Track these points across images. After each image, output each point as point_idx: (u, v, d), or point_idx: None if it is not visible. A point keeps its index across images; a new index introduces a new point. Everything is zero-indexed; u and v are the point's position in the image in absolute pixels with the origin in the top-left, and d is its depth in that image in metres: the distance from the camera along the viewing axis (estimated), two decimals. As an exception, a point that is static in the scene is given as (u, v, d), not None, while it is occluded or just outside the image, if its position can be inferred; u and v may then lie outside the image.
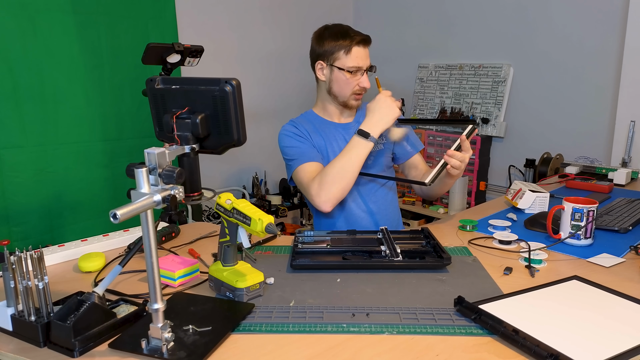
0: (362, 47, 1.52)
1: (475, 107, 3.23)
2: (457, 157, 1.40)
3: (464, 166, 1.43)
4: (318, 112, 1.67)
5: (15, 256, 0.89)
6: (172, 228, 1.45)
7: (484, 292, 1.07)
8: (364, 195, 1.64)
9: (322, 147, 1.59)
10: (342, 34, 1.53)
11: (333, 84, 1.57)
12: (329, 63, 1.55)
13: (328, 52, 1.54)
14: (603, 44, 2.69)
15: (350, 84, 1.54)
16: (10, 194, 2.11)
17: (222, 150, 1.05)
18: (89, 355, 0.86)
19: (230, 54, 3.21)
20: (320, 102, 1.65)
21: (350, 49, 1.51)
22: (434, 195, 1.66)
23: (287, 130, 1.59)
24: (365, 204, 1.64)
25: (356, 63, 1.51)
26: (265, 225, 0.96)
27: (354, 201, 1.62)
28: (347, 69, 1.52)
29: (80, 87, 2.26)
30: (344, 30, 1.54)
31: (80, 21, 2.22)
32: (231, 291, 1.04)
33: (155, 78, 1.06)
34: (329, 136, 1.61)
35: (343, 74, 1.53)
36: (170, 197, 0.82)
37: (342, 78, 1.54)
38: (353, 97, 1.57)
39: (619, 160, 2.45)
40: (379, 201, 1.66)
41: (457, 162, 1.41)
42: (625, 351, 0.83)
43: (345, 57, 1.52)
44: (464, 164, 1.42)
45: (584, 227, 1.34)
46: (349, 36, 1.52)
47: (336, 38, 1.53)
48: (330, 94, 1.59)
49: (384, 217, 1.65)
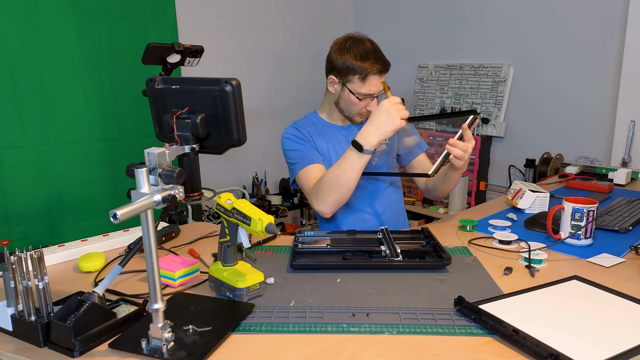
0: (379, 75, 1.47)
1: (475, 107, 3.22)
2: (459, 146, 1.36)
3: (467, 156, 1.38)
4: (322, 115, 1.64)
5: (15, 256, 0.89)
6: (172, 228, 1.45)
7: (484, 292, 1.07)
8: (370, 196, 1.62)
9: (325, 150, 1.58)
10: (363, 57, 1.45)
11: (341, 100, 1.53)
12: (342, 81, 1.50)
13: (343, 70, 1.47)
14: (603, 44, 2.69)
15: (358, 106, 1.52)
16: (10, 194, 2.11)
17: (222, 150, 1.05)
18: (89, 355, 0.86)
19: (230, 54, 3.21)
20: (327, 106, 1.62)
21: (366, 77, 1.45)
22: (440, 193, 1.61)
23: (289, 133, 1.57)
24: (372, 205, 1.62)
25: (369, 91, 1.47)
26: (265, 225, 0.96)
27: (360, 202, 1.61)
28: (358, 95, 1.48)
29: (80, 87, 2.26)
30: (365, 52, 1.46)
31: (80, 21, 2.22)
32: (231, 291, 1.04)
33: (155, 78, 1.06)
34: (332, 139, 1.59)
35: (353, 97, 1.49)
36: (170, 197, 0.82)
37: (350, 100, 1.50)
38: (358, 115, 1.56)
39: (619, 160, 2.45)
40: (385, 202, 1.64)
41: (460, 151, 1.36)
42: (625, 351, 0.83)
43: (358, 83, 1.46)
44: (467, 153, 1.37)
45: (584, 227, 1.34)
46: (368, 62, 1.44)
47: (355, 59, 1.45)
48: (337, 106, 1.57)
49: (390, 218, 1.64)
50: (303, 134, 1.56)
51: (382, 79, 1.49)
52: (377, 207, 1.63)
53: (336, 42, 1.52)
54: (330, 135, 1.60)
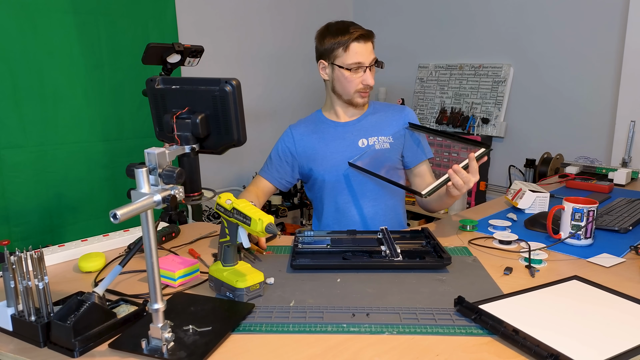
0: (362, 42, 1.48)
1: (475, 107, 3.22)
2: (461, 175, 1.29)
3: (465, 189, 1.31)
4: (325, 111, 1.66)
5: (16, 256, 0.89)
6: (172, 228, 1.45)
7: (484, 292, 1.07)
8: (360, 197, 1.58)
9: (319, 148, 1.59)
10: (341, 31, 1.48)
11: (336, 82, 1.54)
12: (330, 62, 1.52)
13: (328, 50, 1.51)
14: (603, 43, 2.69)
15: (352, 81, 1.51)
16: (10, 194, 2.11)
17: (222, 150, 1.06)
18: (89, 355, 0.86)
19: (230, 54, 3.21)
20: (328, 101, 1.63)
21: (348, 46, 1.47)
22: (431, 209, 1.61)
23: (282, 139, 1.66)
24: (359, 207, 1.58)
25: (355, 59, 1.47)
26: (265, 225, 0.96)
27: (348, 202, 1.58)
28: (347, 67, 1.48)
29: (80, 87, 2.26)
30: (344, 26, 1.49)
31: (80, 21, 2.22)
32: (231, 291, 1.04)
33: (155, 78, 1.06)
34: (327, 136, 1.60)
35: (343, 72, 1.50)
36: (170, 197, 0.82)
37: (343, 76, 1.51)
38: (357, 94, 1.54)
39: (619, 160, 2.45)
40: (378, 206, 1.60)
41: (460, 181, 1.29)
42: (625, 351, 0.83)
43: (344, 55, 1.48)
44: (466, 186, 1.30)
45: (584, 227, 1.34)
46: (347, 32, 1.47)
47: (335, 35, 1.49)
48: (335, 92, 1.57)
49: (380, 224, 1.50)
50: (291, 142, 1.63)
51: (369, 48, 1.49)
52: (366, 210, 1.58)
53: (316, 33, 1.57)
54: (325, 132, 1.61)
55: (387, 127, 1.61)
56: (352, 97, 1.55)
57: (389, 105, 1.71)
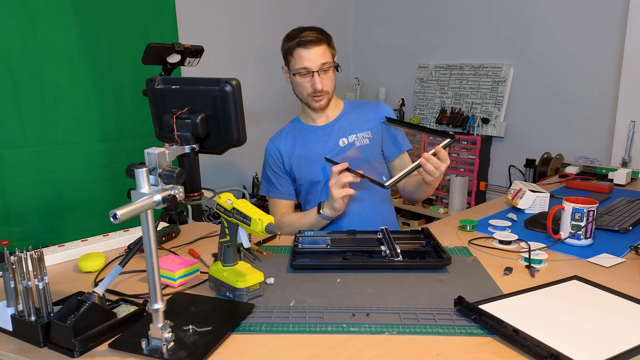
0: (306, 47, 1.48)
1: (475, 107, 3.22)
2: (432, 162, 1.35)
3: (438, 174, 1.36)
4: (302, 117, 1.70)
5: (16, 256, 0.89)
6: (172, 228, 1.45)
7: (484, 292, 1.07)
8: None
9: (304, 155, 1.61)
10: (290, 37, 1.52)
11: (293, 86, 1.59)
12: (288, 67, 1.57)
13: (284, 55, 1.56)
14: (603, 44, 2.69)
15: (302, 85, 1.54)
16: (10, 194, 2.11)
17: (222, 150, 1.06)
18: (89, 355, 0.86)
19: (230, 54, 3.21)
20: (302, 106, 1.67)
21: (293, 51, 1.50)
22: (412, 199, 1.65)
23: (268, 154, 1.66)
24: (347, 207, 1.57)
25: (301, 64, 1.50)
26: (265, 225, 0.96)
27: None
28: (294, 72, 1.52)
29: (80, 87, 2.26)
30: (294, 32, 1.52)
31: (80, 21, 2.22)
32: (231, 291, 1.04)
33: (155, 78, 1.06)
34: (309, 142, 1.62)
35: (294, 77, 1.54)
36: (170, 197, 0.82)
37: (295, 81, 1.55)
38: (310, 98, 1.56)
39: (619, 160, 2.45)
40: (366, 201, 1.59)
41: (432, 167, 1.35)
42: (625, 351, 0.83)
43: (292, 60, 1.52)
44: (439, 171, 1.36)
45: (584, 227, 1.34)
46: (293, 38, 1.50)
47: (286, 41, 1.53)
48: (296, 96, 1.62)
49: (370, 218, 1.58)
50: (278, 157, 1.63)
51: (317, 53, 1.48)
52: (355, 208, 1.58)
53: None
54: (306, 138, 1.63)
55: (365, 124, 1.64)
56: (307, 100, 1.58)
57: (363, 102, 1.74)
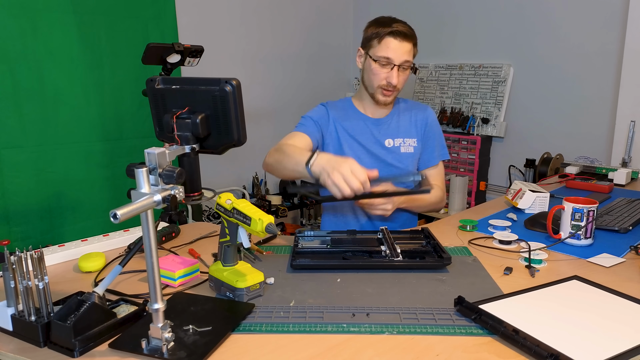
0: (398, 39, 1.46)
1: (475, 107, 3.23)
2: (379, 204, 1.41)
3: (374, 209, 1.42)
4: (355, 101, 1.66)
5: (16, 256, 0.89)
6: (172, 228, 1.45)
7: (484, 292, 1.07)
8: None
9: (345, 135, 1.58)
10: (383, 23, 1.49)
11: (364, 72, 1.56)
12: (366, 50, 1.53)
13: (367, 38, 1.52)
14: (603, 43, 2.69)
15: (377, 75, 1.50)
16: (10, 194, 2.11)
17: (222, 150, 1.05)
18: (89, 355, 0.86)
19: (230, 54, 3.21)
20: (359, 91, 1.64)
21: (382, 38, 1.47)
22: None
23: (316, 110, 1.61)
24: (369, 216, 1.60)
25: (385, 53, 1.47)
26: (265, 225, 0.96)
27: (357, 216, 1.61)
28: (375, 58, 1.48)
29: (80, 87, 2.26)
30: (388, 19, 1.50)
31: (80, 21, 2.22)
32: (231, 291, 1.04)
33: (155, 78, 1.06)
34: (356, 128, 1.60)
35: (371, 62, 1.50)
36: (171, 197, 0.82)
37: (371, 67, 1.51)
38: (380, 90, 1.54)
39: (619, 160, 2.45)
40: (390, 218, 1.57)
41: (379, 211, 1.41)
42: (625, 351, 0.83)
43: (377, 46, 1.48)
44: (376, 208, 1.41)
45: (584, 227, 1.34)
46: (387, 25, 1.47)
47: (377, 25, 1.49)
48: (364, 83, 1.58)
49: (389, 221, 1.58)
50: (325, 116, 1.59)
51: (405, 48, 1.48)
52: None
53: None
54: (356, 123, 1.60)
55: (412, 129, 1.64)
56: (375, 91, 1.55)
57: (412, 103, 1.73)
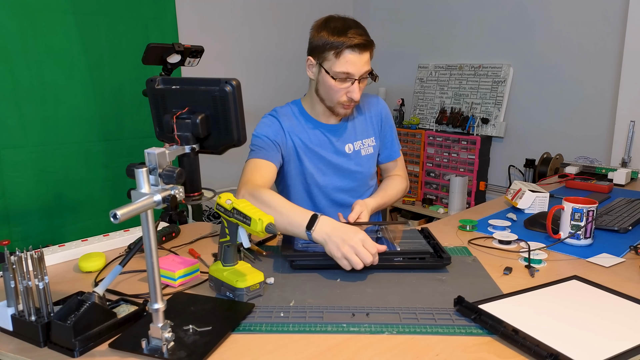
0: (357, 52, 1.33)
1: (475, 107, 3.23)
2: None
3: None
4: (305, 106, 1.53)
5: (16, 256, 0.89)
6: (172, 228, 1.45)
7: (484, 292, 1.07)
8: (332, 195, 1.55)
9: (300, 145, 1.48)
10: (339, 32, 1.32)
11: (320, 85, 1.41)
12: (318, 61, 1.38)
13: (319, 48, 1.35)
14: (603, 44, 2.69)
15: (337, 92, 1.37)
16: (10, 194, 2.12)
17: (222, 150, 1.06)
18: (89, 355, 0.86)
19: (231, 54, 3.21)
20: (310, 97, 1.50)
21: (340, 52, 1.32)
22: None
23: (266, 124, 1.47)
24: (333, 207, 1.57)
25: (345, 69, 1.33)
26: (265, 225, 0.96)
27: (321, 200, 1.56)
28: (333, 74, 1.34)
29: (80, 87, 2.27)
30: (343, 27, 1.34)
31: (80, 21, 2.22)
32: (231, 291, 1.04)
33: (156, 78, 1.06)
34: (313, 140, 1.49)
35: (329, 79, 1.36)
36: (171, 197, 0.82)
37: (328, 83, 1.37)
38: (340, 106, 1.42)
39: (618, 160, 2.45)
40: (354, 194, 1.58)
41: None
42: (625, 351, 0.83)
43: (334, 60, 1.33)
44: None
45: (583, 227, 1.34)
46: (344, 35, 1.31)
47: (331, 34, 1.33)
48: (319, 95, 1.44)
49: None
50: (279, 130, 1.45)
51: (364, 59, 1.34)
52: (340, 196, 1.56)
53: (316, 21, 1.41)
54: (312, 134, 1.49)
55: (369, 127, 1.60)
56: (334, 106, 1.43)
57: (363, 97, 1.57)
